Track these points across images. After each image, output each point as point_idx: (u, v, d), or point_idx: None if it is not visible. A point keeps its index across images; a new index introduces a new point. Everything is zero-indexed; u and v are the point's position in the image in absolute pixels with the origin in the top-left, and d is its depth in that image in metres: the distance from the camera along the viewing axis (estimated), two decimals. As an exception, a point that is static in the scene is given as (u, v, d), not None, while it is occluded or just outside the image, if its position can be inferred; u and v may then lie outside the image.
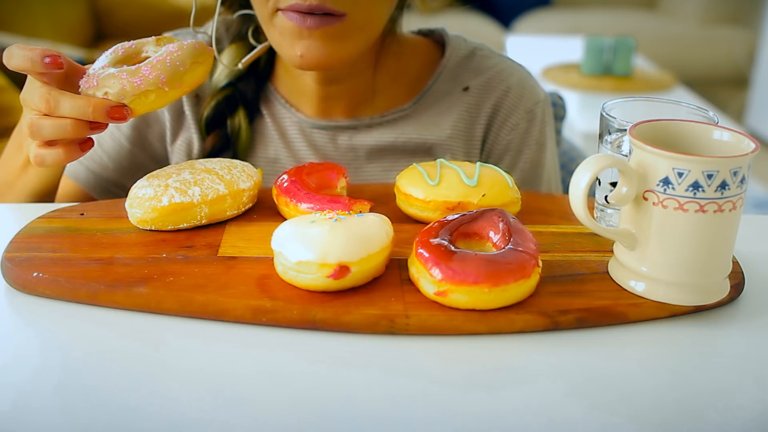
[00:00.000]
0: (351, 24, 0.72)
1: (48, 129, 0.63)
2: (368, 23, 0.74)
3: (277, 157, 0.88)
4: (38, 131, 0.63)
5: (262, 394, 0.48)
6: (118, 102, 0.62)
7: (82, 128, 0.63)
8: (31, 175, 0.75)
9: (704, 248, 0.54)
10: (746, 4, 3.99)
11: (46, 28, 2.64)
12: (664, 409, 0.47)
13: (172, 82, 0.63)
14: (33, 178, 0.75)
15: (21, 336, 0.54)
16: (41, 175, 0.75)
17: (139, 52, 0.67)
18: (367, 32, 0.75)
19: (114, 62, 0.65)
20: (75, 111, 0.62)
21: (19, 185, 0.76)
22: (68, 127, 0.62)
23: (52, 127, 0.63)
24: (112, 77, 0.62)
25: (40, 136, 0.63)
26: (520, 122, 0.87)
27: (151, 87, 0.62)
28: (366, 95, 0.86)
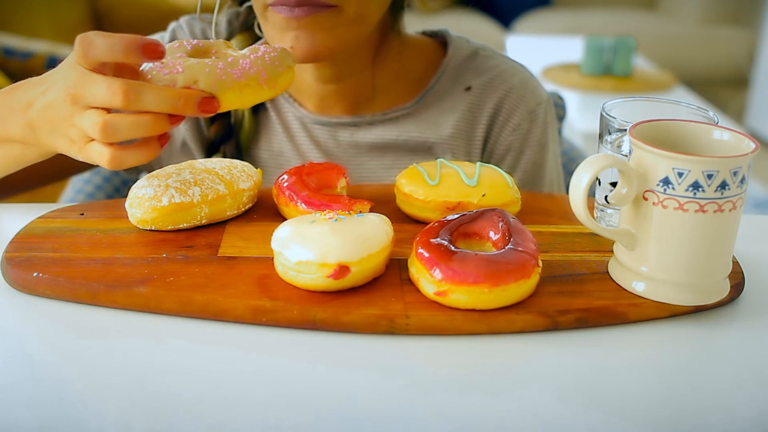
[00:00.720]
0: (342, 15, 0.72)
1: (127, 129, 0.57)
2: (360, 15, 0.73)
3: (281, 150, 0.88)
4: (115, 132, 0.56)
5: (262, 394, 0.48)
6: (209, 93, 0.58)
7: (164, 123, 0.58)
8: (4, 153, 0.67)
9: (704, 248, 0.54)
10: (746, 4, 3.99)
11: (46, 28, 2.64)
12: (663, 409, 0.47)
13: (270, 81, 0.61)
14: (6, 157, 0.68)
15: (21, 336, 0.54)
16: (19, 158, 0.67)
17: (208, 50, 0.64)
18: (358, 24, 0.75)
19: (189, 54, 0.62)
20: (162, 104, 0.56)
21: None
22: (150, 124, 0.57)
23: (132, 126, 0.57)
24: (204, 66, 0.58)
25: (117, 137, 0.57)
26: (521, 123, 0.87)
27: (251, 82, 0.59)
28: (366, 93, 0.87)
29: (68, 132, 0.60)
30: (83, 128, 0.58)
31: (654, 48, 3.65)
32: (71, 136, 0.60)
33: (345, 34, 0.74)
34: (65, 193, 1.11)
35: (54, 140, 0.62)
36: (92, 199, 1.06)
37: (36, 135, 0.63)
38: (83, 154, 0.60)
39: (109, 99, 0.56)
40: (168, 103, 0.57)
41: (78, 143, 0.60)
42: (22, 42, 2.02)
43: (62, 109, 0.59)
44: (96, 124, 0.57)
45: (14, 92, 0.64)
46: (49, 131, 0.61)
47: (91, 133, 0.58)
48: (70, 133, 0.60)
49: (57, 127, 0.60)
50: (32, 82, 0.63)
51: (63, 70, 0.60)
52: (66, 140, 0.61)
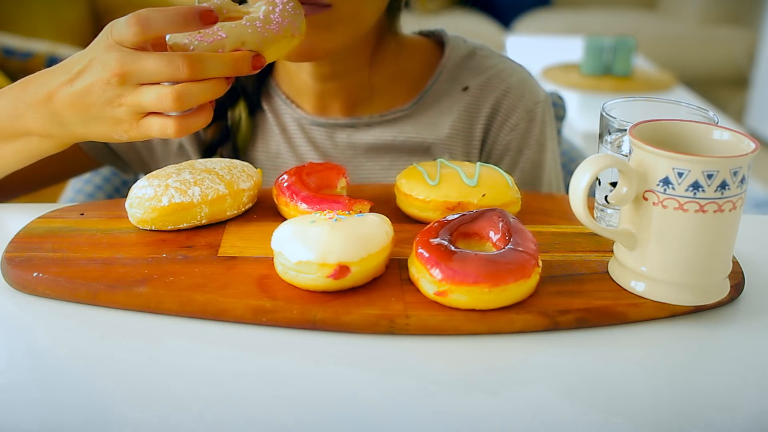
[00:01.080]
0: (336, 14, 0.71)
1: (200, 94, 0.59)
2: (354, 15, 0.73)
3: (278, 152, 0.88)
4: (189, 98, 0.59)
5: (262, 394, 0.48)
6: (256, 51, 0.62)
7: (224, 86, 0.61)
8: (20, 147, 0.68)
9: (704, 248, 0.54)
10: (746, 4, 3.99)
11: (46, 28, 2.64)
12: (663, 409, 0.47)
13: (298, 29, 0.64)
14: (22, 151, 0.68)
15: (21, 336, 0.54)
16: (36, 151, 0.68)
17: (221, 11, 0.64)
18: (353, 24, 0.74)
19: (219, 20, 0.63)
20: (224, 69, 0.60)
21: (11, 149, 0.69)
22: (215, 88, 0.60)
23: (203, 91, 0.59)
24: (242, 28, 0.61)
25: (190, 103, 0.59)
26: (519, 122, 0.87)
27: (287, 33, 0.63)
28: (363, 94, 0.87)
29: (113, 113, 0.61)
30: (140, 104, 0.59)
31: (654, 48, 3.65)
32: (117, 116, 0.61)
33: (341, 34, 0.74)
34: (65, 193, 1.11)
35: (89, 127, 0.62)
36: (92, 199, 1.06)
37: (62, 126, 0.63)
38: (135, 131, 0.61)
39: (172, 72, 0.58)
40: (228, 66, 0.60)
41: (127, 122, 0.61)
42: (22, 42, 2.02)
43: (106, 92, 0.60)
44: (164, 95, 0.58)
45: (27, 86, 0.64)
46: (84, 119, 0.62)
47: (157, 105, 0.59)
48: (115, 114, 0.61)
49: (94, 113, 0.61)
50: (48, 74, 0.63)
51: (95, 55, 0.60)
52: (107, 124, 0.62)
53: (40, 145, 0.67)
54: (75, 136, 0.65)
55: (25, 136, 0.67)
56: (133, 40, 0.59)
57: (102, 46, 0.60)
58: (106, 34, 0.60)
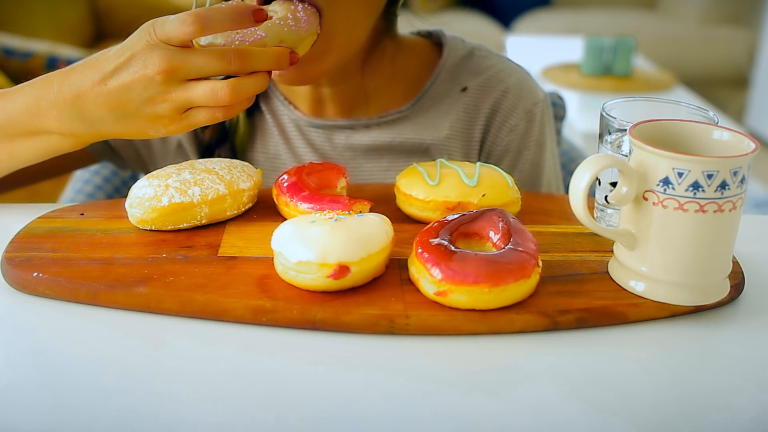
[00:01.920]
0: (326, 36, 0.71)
1: (252, 87, 0.62)
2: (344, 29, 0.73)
3: (277, 153, 0.88)
4: (242, 91, 0.62)
5: (263, 394, 0.48)
6: (292, 48, 0.65)
7: (267, 80, 0.64)
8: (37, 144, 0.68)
9: (704, 248, 0.54)
10: (746, 4, 3.99)
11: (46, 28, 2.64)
12: (664, 409, 0.47)
13: (318, 26, 0.68)
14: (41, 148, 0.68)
15: (21, 336, 0.54)
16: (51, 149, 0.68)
17: None
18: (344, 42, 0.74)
19: None
20: (269, 63, 0.63)
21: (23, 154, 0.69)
22: (263, 81, 0.63)
23: (253, 84, 0.62)
24: (279, 27, 0.65)
25: (243, 95, 0.62)
26: (519, 123, 0.87)
27: (313, 30, 0.67)
28: (359, 97, 0.86)
29: (153, 110, 0.62)
30: (188, 99, 0.61)
31: (654, 48, 3.65)
32: (158, 112, 0.62)
33: (330, 60, 0.74)
34: (65, 193, 1.11)
35: (122, 125, 0.64)
36: (92, 199, 1.06)
37: (89, 124, 0.64)
38: (175, 125, 0.63)
39: (224, 66, 0.61)
40: (272, 60, 0.63)
41: (168, 117, 0.63)
42: (22, 42, 2.02)
43: (148, 89, 0.61)
44: (217, 89, 0.61)
45: (50, 85, 0.64)
46: (117, 117, 0.63)
47: (209, 100, 0.61)
48: (156, 111, 0.62)
49: (131, 110, 0.62)
50: (74, 72, 0.64)
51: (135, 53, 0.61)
52: (143, 120, 0.63)
53: (60, 143, 0.68)
54: (101, 135, 0.65)
55: (44, 134, 0.67)
56: (186, 38, 0.60)
57: (142, 44, 0.61)
58: (147, 33, 0.61)
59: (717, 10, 4.01)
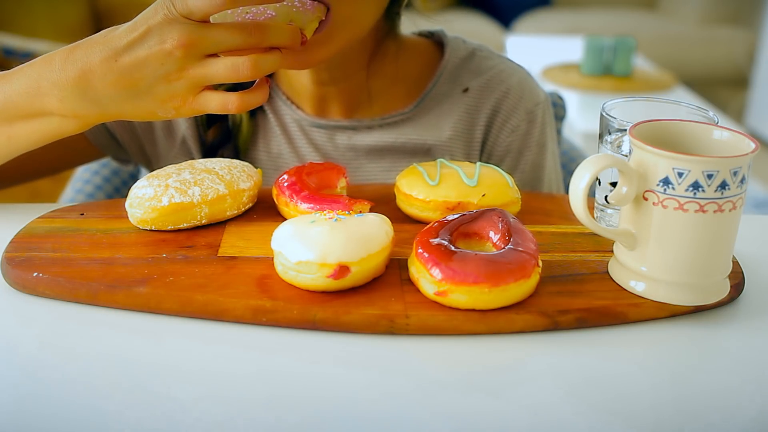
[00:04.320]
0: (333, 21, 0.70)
1: (273, 62, 0.61)
2: (351, 19, 0.73)
3: (280, 152, 0.88)
4: (264, 66, 0.60)
5: (262, 394, 0.48)
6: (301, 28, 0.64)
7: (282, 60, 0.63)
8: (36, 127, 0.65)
9: (704, 248, 0.54)
10: (746, 4, 3.99)
11: (46, 28, 2.64)
12: (663, 409, 0.47)
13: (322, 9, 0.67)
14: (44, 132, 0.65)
15: (21, 336, 0.54)
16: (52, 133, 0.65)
17: None
18: (350, 30, 0.74)
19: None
20: (286, 38, 0.61)
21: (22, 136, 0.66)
22: (280, 58, 0.62)
23: (274, 60, 0.61)
24: (289, 7, 0.64)
25: (264, 71, 0.61)
26: (520, 124, 0.87)
27: (319, 12, 0.67)
28: (361, 98, 0.86)
29: (168, 88, 0.60)
30: (207, 75, 0.59)
31: (654, 48, 3.65)
32: (172, 91, 0.60)
33: (338, 40, 0.73)
34: (65, 193, 1.11)
35: (132, 103, 0.61)
36: (92, 199, 1.06)
37: (96, 103, 0.62)
38: (187, 107, 0.61)
39: (244, 40, 0.59)
40: (288, 36, 0.61)
41: (181, 97, 0.61)
42: (22, 42, 2.02)
43: (165, 64, 0.59)
44: (238, 64, 0.59)
45: (51, 64, 0.62)
46: (129, 95, 0.61)
47: (229, 76, 0.59)
48: (170, 89, 0.60)
49: (143, 88, 0.60)
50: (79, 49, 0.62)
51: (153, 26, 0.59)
52: (155, 99, 0.61)
53: (60, 125, 0.65)
54: (107, 115, 0.63)
55: (45, 115, 0.64)
56: (213, 11, 0.58)
57: (159, 18, 0.59)
58: (166, 7, 0.58)
59: (717, 10, 4.01)
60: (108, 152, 0.91)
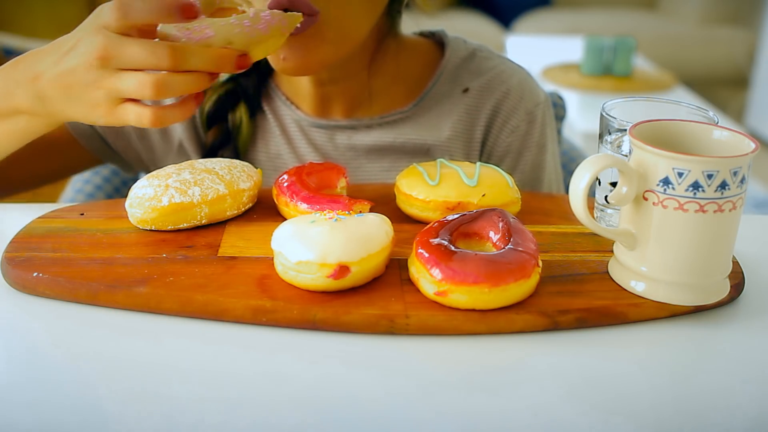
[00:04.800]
0: (325, 24, 0.71)
1: (179, 85, 0.60)
2: (343, 23, 0.73)
3: (279, 153, 0.88)
4: (167, 89, 0.59)
5: (262, 394, 0.48)
6: (242, 51, 0.62)
7: (206, 80, 0.61)
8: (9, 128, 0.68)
9: (704, 248, 0.54)
10: (746, 4, 3.99)
11: (46, 28, 2.64)
12: (663, 409, 0.47)
13: (288, 27, 0.64)
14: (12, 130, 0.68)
15: (21, 336, 0.54)
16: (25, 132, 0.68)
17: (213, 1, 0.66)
18: (344, 35, 0.74)
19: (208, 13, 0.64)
20: (206, 63, 0.60)
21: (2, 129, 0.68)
22: (197, 82, 0.60)
23: (184, 83, 0.60)
24: (232, 26, 0.61)
25: (169, 93, 0.60)
26: (520, 124, 0.87)
27: (275, 32, 0.63)
28: (363, 96, 0.86)
29: (92, 96, 0.61)
30: (119, 89, 0.60)
31: (654, 48, 3.65)
32: (95, 100, 0.61)
33: (332, 45, 0.74)
34: (65, 193, 1.11)
35: (69, 107, 0.63)
36: (92, 199, 1.06)
37: (46, 105, 0.63)
38: (111, 117, 0.62)
39: (156, 61, 0.58)
40: (211, 62, 0.60)
41: (104, 107, 0.61)
42: (22, 42, 2.02)
43: (88, 74, 0.60)
44: (144, 83, 0.59)
45: (17, 65, 0.65)
46: (65, 98, 0.62)
47: (135, 92, 0.59)
48: (94, 98, 0.61)
49: (76, 93, 0.61)
50: (37, 54, 0.64)
51: (82, 36, 0.60)
52: (86, 106, 0.62)
53: (29, 124, 0.67)
54: (57, 116, 0.65)
55: (16, 114, 0.66)
56: (116, 25, 0.59)
57: (89, 28, 0.60)
58: (95, 17, 0.60)
59: (717, 10, 4.01)
60: (106, 159, 0.91)
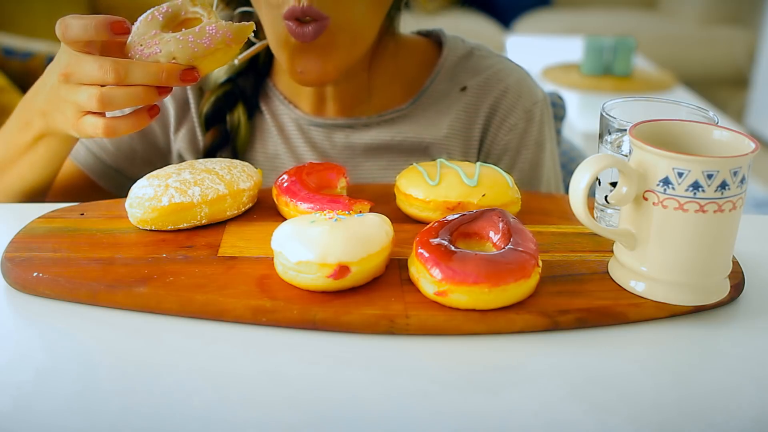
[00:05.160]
0: (336, 30, 0.72)
1: (121, 98, 0.62)
2: (352, 27, 0.74)
3: (276, 153, 0.88)
4: (110, 102, 0.62)
5: (262, 394, 0.48)
6: (187, 65, 0.63)
7: (153, 94, 0.64)
8: (41, 152, 0.75)
9: (704, 248, 0.54)
10: (746, 4, 3.99)
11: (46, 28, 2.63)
12: (664, 409, 0.47)
13: (236, 38, 0.64)
14: (42, 155, 0.75)
15: (21, 336, 0.54)
16: (53, 152, 0.75)
17: (177, 14, 0.67)
18: (354, 39, 0.75)
19: (161, 27, 0.65)
20: (148, 78, 0.62)
21: (26, 162, 0.76)
22: (141, 95, 0.63)
23: (125, 97, 0.62)
24: (176, 41, 0.63)
25: (113, 106, 0.63)
26: (518, 123, 0.87)
27: (220, 45, 0.63)
28: (362, 95, 0.87)
29: (64, 110, 0.66)
30: (78, 103, 0.64)
31: (654, 48, 3.65)
32: (66, 113, 0.66)
33: (345, 50, 0.75)
34: (65, 193, 1.10)
35: (56, 120, 0.68)
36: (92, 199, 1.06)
37: (48, 121, 0.70)
38: (77, 128, 0.66)
39: (102, 76, 0.62)
40: (153, 76, 0.62)
41: (72, 119, 0.66)
42: (22, 42, 2.02)
43: (59, 90, 0.65)
44: (92, 96, 0.63)
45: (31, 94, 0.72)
46: (54, 112, 0.68)
47: (87, 105, 0.63)
48: (65, 111, 0.66)
49: (57, 107, 0.67)
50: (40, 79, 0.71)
51: (57, 56, 0.67)
52: (63, 118, 0.67)
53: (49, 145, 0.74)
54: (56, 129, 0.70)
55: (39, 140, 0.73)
56: (65, 41, 0.63)
57: (60, 49, 0.66)
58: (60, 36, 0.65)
59: (717, 10, 4.01)
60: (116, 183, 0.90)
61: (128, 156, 0.89)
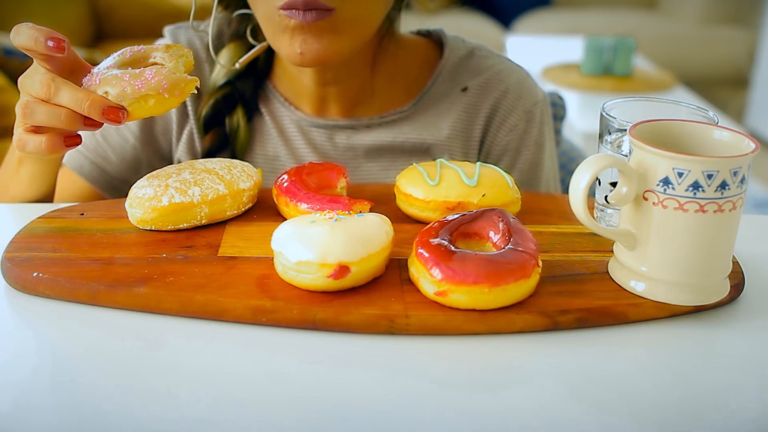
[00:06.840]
0: (341, 18, 0.71)
1: (41, 114, 0.63)
2: (358, 17, 0.73)
3: (277, 155, 0.88)
4: (31, 114, 0.63)
5: (262, 394, 0.48)
6: (116, 103, 0.62)
7: (75, 121, 0.63)
8: (22, 174, 0.74)
9: (704, 248, 0.54)
10: (746, 4, 3.99)
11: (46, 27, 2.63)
12: (664, 409, 0.47)
13: (171, 89, 0.62)
14: (24, 177, 0.74)
15: (21, 336, 0.54)
16: (31, 173, 0.74)
17: (147, 56, 0.66)
18: (358, 27, 0.74)
19: (120, 64, 0.65)
20: (72, 102, 0.61)
21: (13, 186, 0.76)
22: (61, 117, 0.62)
23: (46, 113, 0.62)
24: (115, 78, 0.62)
25: (32, 119, 0.63)
26: (518, 123, 0.87)
27: (152, 92, 0.61)
28: (364, 96, 0.87)
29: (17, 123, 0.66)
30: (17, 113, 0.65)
31: (654, 48, 3.65)
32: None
33: (347, 35, 0.74)
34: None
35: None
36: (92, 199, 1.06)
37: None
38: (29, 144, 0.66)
39: (37, 89, 0.63)
40: (77, 103, 0.62)
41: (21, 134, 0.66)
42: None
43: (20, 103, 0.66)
44: (21, 104, 0.64)
45: None
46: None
47: (17, 114, 0.64)
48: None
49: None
50: None
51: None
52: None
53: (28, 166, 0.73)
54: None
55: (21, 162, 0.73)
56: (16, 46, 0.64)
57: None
58: None
59: (717, 10, 4.01)
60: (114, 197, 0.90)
61: (132, 166, 0.88)
